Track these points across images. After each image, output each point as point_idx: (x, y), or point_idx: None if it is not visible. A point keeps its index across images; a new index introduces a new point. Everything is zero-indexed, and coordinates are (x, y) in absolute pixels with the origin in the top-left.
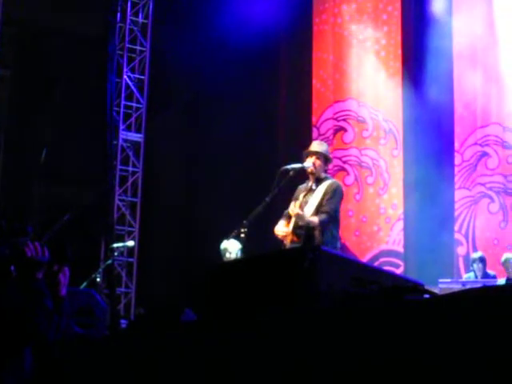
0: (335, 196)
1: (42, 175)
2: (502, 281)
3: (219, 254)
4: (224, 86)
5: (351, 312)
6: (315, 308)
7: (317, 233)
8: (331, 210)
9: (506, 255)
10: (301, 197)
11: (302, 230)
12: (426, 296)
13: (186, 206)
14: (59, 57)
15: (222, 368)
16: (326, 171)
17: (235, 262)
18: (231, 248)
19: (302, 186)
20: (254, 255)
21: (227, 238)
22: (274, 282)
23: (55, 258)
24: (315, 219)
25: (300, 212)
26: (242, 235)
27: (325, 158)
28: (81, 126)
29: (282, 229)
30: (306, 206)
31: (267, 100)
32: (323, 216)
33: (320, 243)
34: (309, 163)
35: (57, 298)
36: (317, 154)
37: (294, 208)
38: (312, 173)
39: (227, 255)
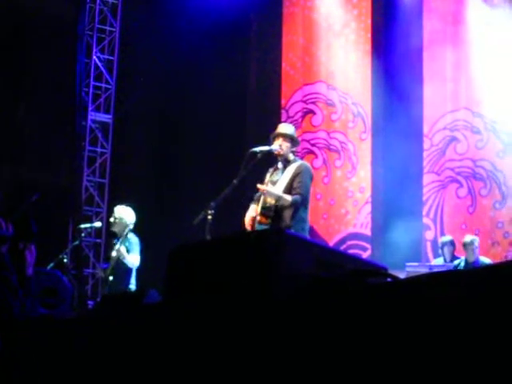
0: (306, 177)
1: (10, 156)
2: (460, 261)
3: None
4: (193, 68)
5: (312, 296)
6: (276, 293)
7: (286, 214)
8: (304, 191)
9: (471, 237)
10: (267, 176)
11: (271, 210)
12: (388, 280)
13: (155, 187)
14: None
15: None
16: (294, 153)
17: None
18: (118, 213)
19: (271, 169)
20: (218, 237)
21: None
22: (238, 264)
23: (21, 235)
24: (288, 196)
25: (267, 188)
26: (209, 217)
27: (292, 140)
28: (49, 106)
29: (251, 214)
30: (274, 186)
31: (236, 81)
32: (297, 196)
33: (288, 225)
34: (276, 146)
35: (23, 277)
36: (283, 136)
37: (261, 186)
38: (280, 155)
39: (111, 220)
